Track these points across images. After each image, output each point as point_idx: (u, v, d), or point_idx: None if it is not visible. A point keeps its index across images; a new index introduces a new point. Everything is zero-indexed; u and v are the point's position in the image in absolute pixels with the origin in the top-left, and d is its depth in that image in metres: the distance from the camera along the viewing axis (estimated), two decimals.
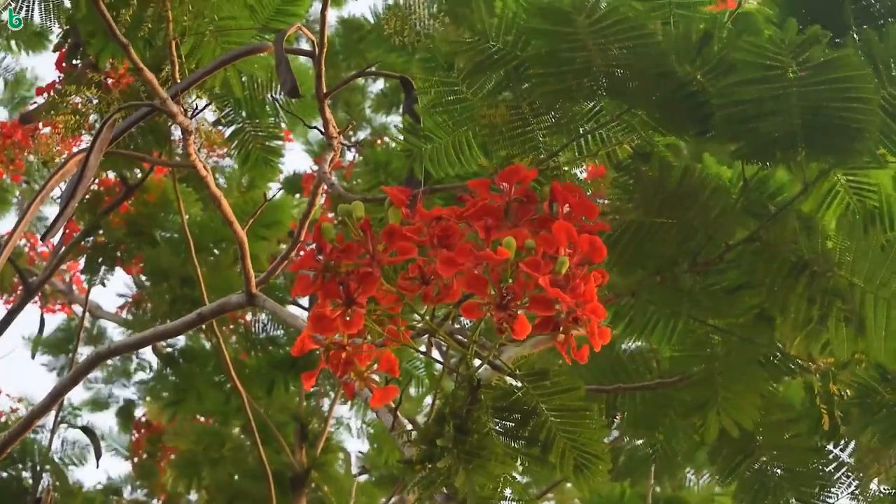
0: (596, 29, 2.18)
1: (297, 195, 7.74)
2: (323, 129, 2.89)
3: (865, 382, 2.66)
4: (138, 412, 8.60)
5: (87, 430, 5.78)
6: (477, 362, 1.74)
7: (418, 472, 1.73)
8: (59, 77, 4.74)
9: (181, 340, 7.10)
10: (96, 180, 6.24)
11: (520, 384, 1.79)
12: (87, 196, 6.27)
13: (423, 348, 7.49)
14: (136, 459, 8.24)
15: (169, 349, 7.06)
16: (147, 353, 8.06)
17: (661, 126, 2.41)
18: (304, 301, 6.50)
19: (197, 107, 3.97)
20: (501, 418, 1.80)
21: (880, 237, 2.36)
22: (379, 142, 7.68)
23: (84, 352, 8.13)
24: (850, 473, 2.90)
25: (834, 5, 2.39)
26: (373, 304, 1.56)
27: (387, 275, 1.50)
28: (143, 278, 6.82)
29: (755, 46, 2.13)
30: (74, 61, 4.67)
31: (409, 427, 1.90)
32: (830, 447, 2.90)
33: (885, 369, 2.62)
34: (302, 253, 1.85)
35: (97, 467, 6.50)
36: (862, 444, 2.85)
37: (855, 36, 2.34)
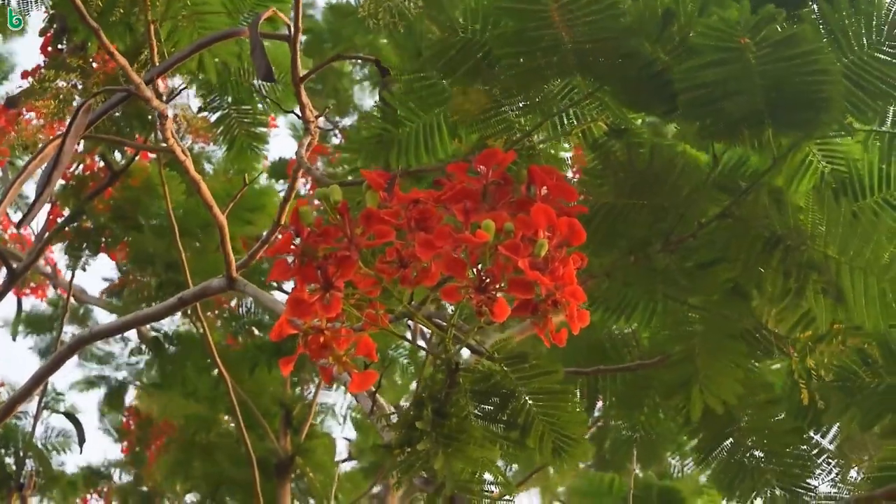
0: (563, 4, 2.18)
1: (282, 181, 7.73)
2: (300, 114, 2.87)
3: (846, 365, 2.66)
4: (129, 397, 8.57)
5: (70, 415, 5.77)
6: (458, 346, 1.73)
7: (397, 456, 1.73)
8: (43, 61, 4.72)
9: (166, 325, 7.10)
10: (80, 165, 6.22)
11: (498, 367, 1.79)
12: (72, 181, 6.25)
13: (408, 334, 7.50)
14: (125, 443, 8.22)
15: (154, 333, 7.04)
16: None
17: (630, 105, 2.41)
18: (288, 285, 6.49)
19: (173, 91, 3.95)
20: (480, 402, 1.80)
21: (850, 206, 2.36)
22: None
23: (69, 331, 8.12)
24: (830, 460, 2.91)
25: None
26: (351, 289, 1.56)
27: (365, 258, 1.49)
28: (128, 263, 6.80)
29: (712, 29, 2.12)
30: (60, 46, 4.65)
31: (391, 412, 1.89)
32: (811, 433, 2.91)
33: (866, 353, 2.62)
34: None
35: (80, 453, 6.48)
36: (844, 433, 2.86)
37: (814, 7, 2.33)
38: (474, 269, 1.42)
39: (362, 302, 1.58)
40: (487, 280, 1.41)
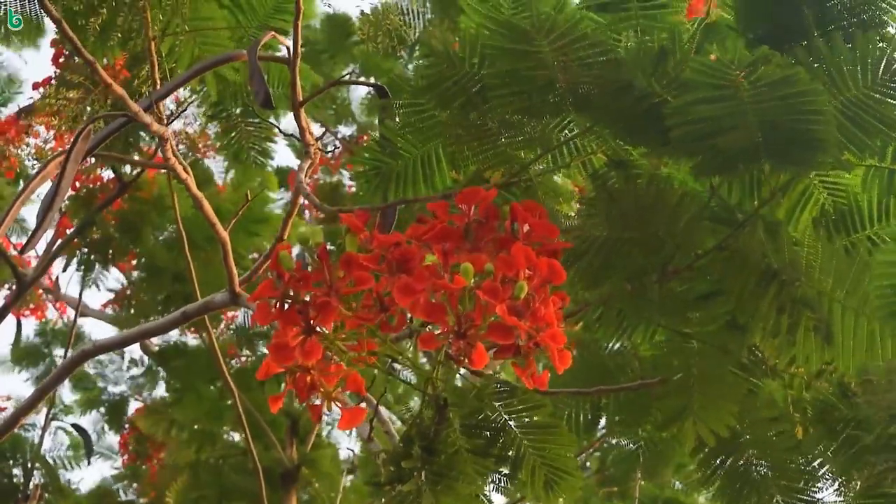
0: (556, 47, 2.15)
1: (282, 190, 7.73)
2: (300, 137, 2.86)
3: (825, 398, 2.63)
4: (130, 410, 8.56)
5: (78, 427, 5.78)
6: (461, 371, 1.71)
7: (387, 493, 1.72)
8: (55, 73, 4.74)
9: (171, 338, 7.10)
10: (90, 176, 6.24)
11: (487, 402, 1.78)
12: (81, 193, 6.27)
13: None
14: (124, 457, 8.20)
15: (157, 346, 7.04)
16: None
17: (626, 138, 2.38)
18: None
19: (173, 113, 3.96)
20: (471, 436, 1.78)
21: (842, 242, 2.34)
22: (365, 139, 7.65)
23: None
24: (835, 469, 2.88)
25: (793, 10, 2.36)
26: (339, 326, 1.54)
27: (346, 303, 1.47)
28: (134, 274, 6.81)
29: (705, 66, 2.10)
30: (73, 58, 4.67)
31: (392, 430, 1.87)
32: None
33: (846, 386, 2.59)
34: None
35: (88, 464, 6.50)
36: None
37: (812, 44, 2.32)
38: (454, 314, 1.39)
39: (350, 340, 1.56)
40: (467, 325, 1.39)
